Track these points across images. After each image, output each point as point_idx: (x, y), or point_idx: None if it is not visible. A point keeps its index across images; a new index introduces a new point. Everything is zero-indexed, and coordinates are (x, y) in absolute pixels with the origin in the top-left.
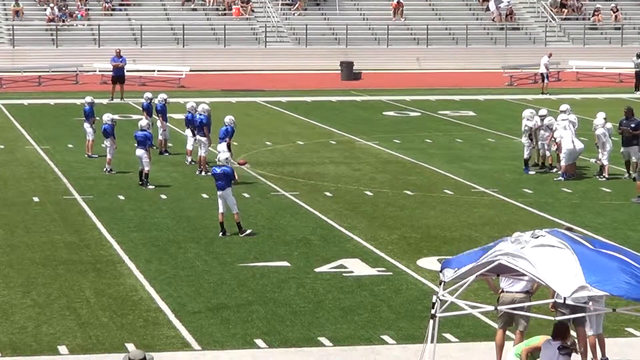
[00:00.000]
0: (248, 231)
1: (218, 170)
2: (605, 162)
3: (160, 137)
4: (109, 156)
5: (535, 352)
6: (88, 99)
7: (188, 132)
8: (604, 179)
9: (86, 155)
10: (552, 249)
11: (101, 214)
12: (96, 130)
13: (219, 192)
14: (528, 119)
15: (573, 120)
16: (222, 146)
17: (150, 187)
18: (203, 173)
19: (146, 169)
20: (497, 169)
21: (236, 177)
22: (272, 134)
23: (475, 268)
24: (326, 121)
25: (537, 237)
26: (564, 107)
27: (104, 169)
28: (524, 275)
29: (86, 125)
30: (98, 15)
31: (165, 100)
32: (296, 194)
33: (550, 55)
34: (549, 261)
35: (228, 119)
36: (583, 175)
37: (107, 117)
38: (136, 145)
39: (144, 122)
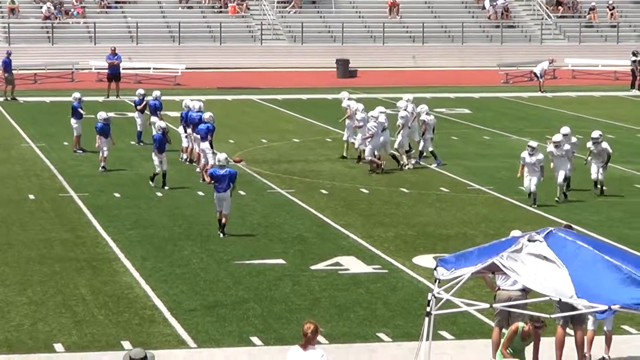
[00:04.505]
0: (226, 235)
1: (221, 171)
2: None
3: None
4: (105, 154)
5: (514, 338)
6: (77, 94)
7: (181, 129)
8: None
9: (78, 151)
10: (547, 264)
11: (97, 211)
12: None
13: (217, 194)
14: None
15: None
16: (206, 145)
17: (165, 187)
18: (198, 170)
19: (165, 168)
20: (492, 166)
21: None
22: (268, 132)
23: (471, 268)
24: (322, 119)
25: (533, 242)
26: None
27: (100, 168)
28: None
29: (74, 120)
30: (94, 13)
31: (158, 97)
32: (292, 191)
33: (551, 62)
34: (542, 277)
35: (208, 115)
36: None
37: (101, 115)
38: (157, 146)
39: (162, 123)
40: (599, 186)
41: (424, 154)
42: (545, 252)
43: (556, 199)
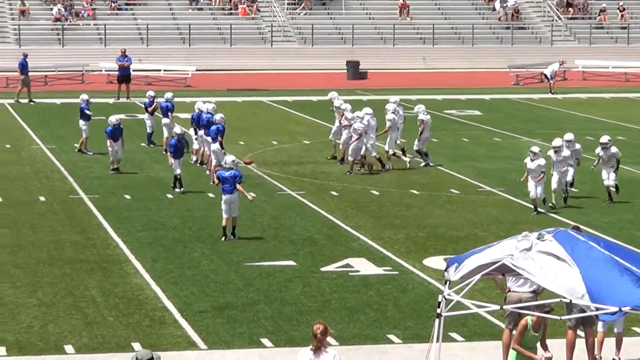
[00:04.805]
0: (237, 237)
1: (226, 174)
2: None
3: (166, 137)
4: (112, 159)
5: (525, 333)
6: (84, 96)
7: (192, 131)
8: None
9: (88, 153)
10: (558, 262)
11: (107, 213)
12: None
13: (225, 197)
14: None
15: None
16: (216, 146)
17: (179, 190)
18: (208, 172)
19: (177, 172)
20: (503, 168)
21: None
22: (278, 134)
23: (480, 267)
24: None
25: (543, 241)
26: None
27: (110, 170)
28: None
29: (82, 122)
30: (104, 15)
31: (170, 99)
32: (302, 193)
33: (562, 63)
34: (553, 274)
35: (219, 116)
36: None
37: (111, 120)
38: (173, 151)
39: (178, 129)
40: (612, 190)
41: (428, 154)
42: (556, 250)
43: (550, 204)
